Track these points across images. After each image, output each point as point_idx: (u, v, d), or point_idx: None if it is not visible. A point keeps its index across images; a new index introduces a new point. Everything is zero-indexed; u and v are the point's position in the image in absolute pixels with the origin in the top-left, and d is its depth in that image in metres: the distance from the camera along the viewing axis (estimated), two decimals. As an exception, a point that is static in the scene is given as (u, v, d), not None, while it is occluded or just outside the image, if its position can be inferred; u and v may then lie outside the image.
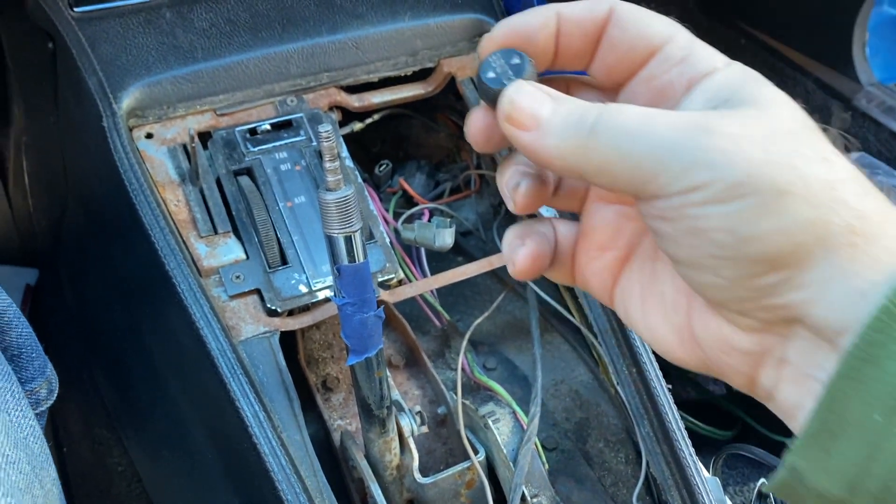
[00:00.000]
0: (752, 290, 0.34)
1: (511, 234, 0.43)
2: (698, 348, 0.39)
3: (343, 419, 0.84)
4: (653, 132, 0.34)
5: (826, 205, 0.32)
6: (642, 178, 0.34)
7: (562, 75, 0.43)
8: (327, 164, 0.59)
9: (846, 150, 1.48)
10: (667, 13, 0.39)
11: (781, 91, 0.35)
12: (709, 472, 0.81)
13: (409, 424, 0.76)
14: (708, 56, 0.37)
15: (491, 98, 0.38)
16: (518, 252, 0.42)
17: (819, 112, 1.59)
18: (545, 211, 0.82)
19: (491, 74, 0.38)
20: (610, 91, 0.41)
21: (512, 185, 0.41)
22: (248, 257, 0.78)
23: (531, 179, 0.41)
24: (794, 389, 0.36)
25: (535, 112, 0.36)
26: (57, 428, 1.14)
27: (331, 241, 0.62)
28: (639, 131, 0.34)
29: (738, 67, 0.37)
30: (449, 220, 0.92)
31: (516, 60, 0.38)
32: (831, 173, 0.33)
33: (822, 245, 0.32)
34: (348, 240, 0.62)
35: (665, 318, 0.40)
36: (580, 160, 0.35)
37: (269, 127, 0.85)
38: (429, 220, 0.94)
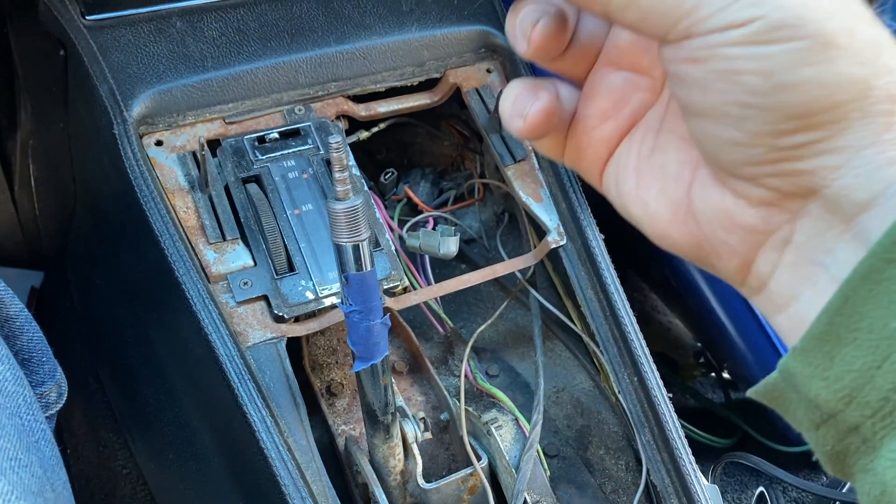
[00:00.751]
0: (774, 149, 0.32)
1: (520, 87, 0.39)
2: (694, 225, 0.37)
3: (347, 424, 0.85)
4: None
5: (872, 65, 0.30)
6: (678, 10, 0.31)
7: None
8: (336, 175, 0.60)
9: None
10: None
11: None
12: (708, 479, 0.82)
13: (412, 431, 0.77)
14: None
15: None
16: (532, 106, 0.39)
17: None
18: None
19: None
20: None
21: (530, 20, 0.37)
22: (255, 264, 0.79)
23: (551, 17, 0.38)
24: (791, 276, 0.34)
25: None
26: (61, 429, 1.15)
27: (339, 250, 0.63)
28: None
29: None
30: (453, 228, 0.93)
31: None
32: (879, 37, 0.31)
33: (860, 108, 0.30)
34: (356, 248, 0.63)
35: (661, 192, 0.38)
36: None
37: (277, 135, 0.86)
38: (433, 229, 0.95)
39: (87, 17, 0.84)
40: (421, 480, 0.76)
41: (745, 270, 0.36)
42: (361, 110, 0.93)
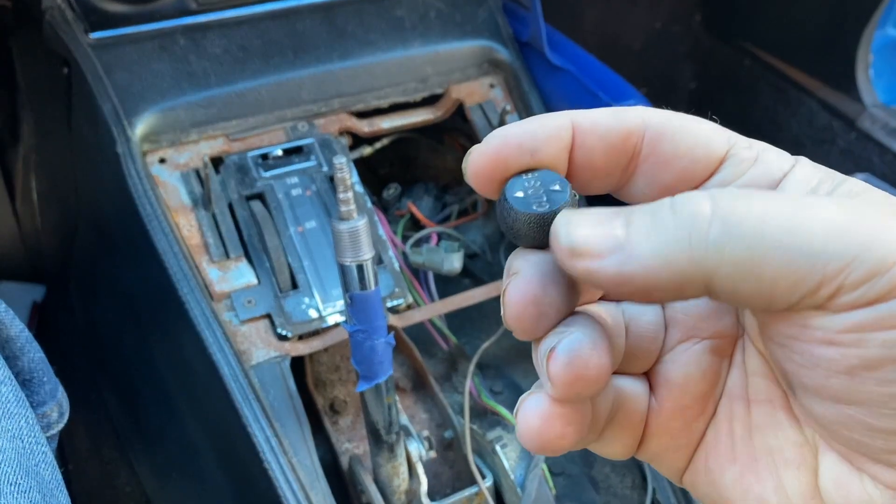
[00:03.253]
0: None
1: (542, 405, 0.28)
2: None
3: (351, 442, 0.84)
4: (824, 215, 0.25)
5: None
6: (816, 276, 0.24)
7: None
8: (340, 195, 0.60)
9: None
10: (672, 34, 0.36)
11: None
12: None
13: (417, 449, 0.76)
14: (775, 154, 0.30)
15: (521, 225, 0.28)
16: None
17: (823, 133, 1.60)
18: None
19: (519, 193, 0.29)
20: None
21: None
22: (259, 282, 0.78)
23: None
24: None
25: (606, 232, 0.26)
26: (63, 447, 1.14)
27: (343, 270, 0.63)
28: (801, 215, 0.25)
29: (808, 162, 0.30)
30: (457, 244, 0.93)
31: (556, 188, 0.29)
32: None
33: None
34: (360, 268, 0.63)
35: (780, 485, 0.29)
36: (708, 265, 0.25)
37: (280, 152, 0.86)
38: (437, 244, 0.95)
39: (91, 35, 0.84)
40: (426, 500, 0.76)
41: None
42: (364, 126, 0.92)
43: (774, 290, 0.25)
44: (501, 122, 0.94)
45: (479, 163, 0.29)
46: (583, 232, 0.26)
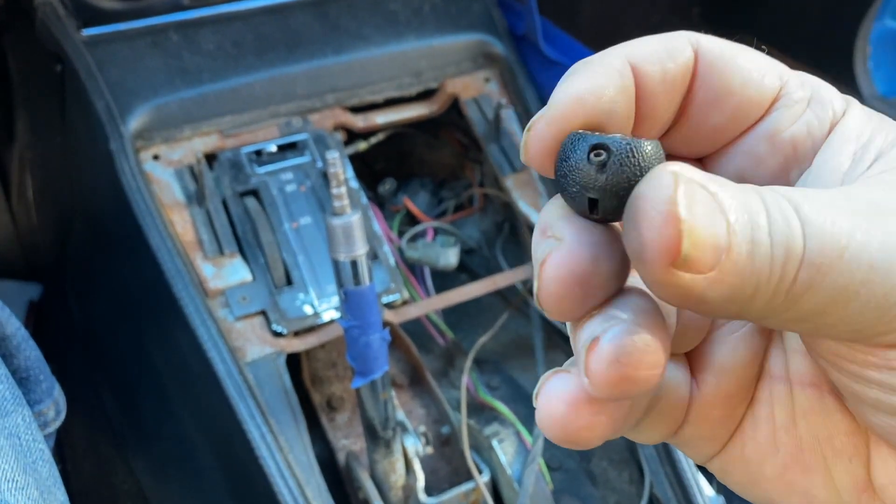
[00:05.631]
0: None
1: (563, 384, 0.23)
2: None
3: (347, 438, 0.84)
4: None
5: None
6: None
7: None
8: (334, 190, 0.60)
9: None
10: (671, 27, 0.34)
11: None
12: (714, 489, 0.82)
13: (414, 445, 0.76)
14: (829, 92, 0.26)
15: (603, 189, 0.21)
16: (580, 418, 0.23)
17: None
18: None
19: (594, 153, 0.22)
20: (693, 163, 0.27)
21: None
22: (254, 278, 0.78)
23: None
24: None
25: (717, 232, 0.20)
26: (61, 444, 1.14)
27: (337, 265, 0.63)
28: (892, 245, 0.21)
29: (859, 106, 0.26)
30: (453, 238, 0.92)
31: (650, 146, 0.22)
32: None
33: None
34: (354, 263, 0.63)
35: (827, 477, 0.26)
36: (784, 308, 0.21)
37: (274, 148, 0.86)
38: (433, 239, 0.94)
39: (84, 32, 0.84)
40: (422, 495, 0.76)
41: None
42: (359, 121, 0.92)
43: (840, 329, 0.21)
44: (497, 117, 0.93)
45: (549, 134, 0.23)
46: (705, 224, 0.20)
